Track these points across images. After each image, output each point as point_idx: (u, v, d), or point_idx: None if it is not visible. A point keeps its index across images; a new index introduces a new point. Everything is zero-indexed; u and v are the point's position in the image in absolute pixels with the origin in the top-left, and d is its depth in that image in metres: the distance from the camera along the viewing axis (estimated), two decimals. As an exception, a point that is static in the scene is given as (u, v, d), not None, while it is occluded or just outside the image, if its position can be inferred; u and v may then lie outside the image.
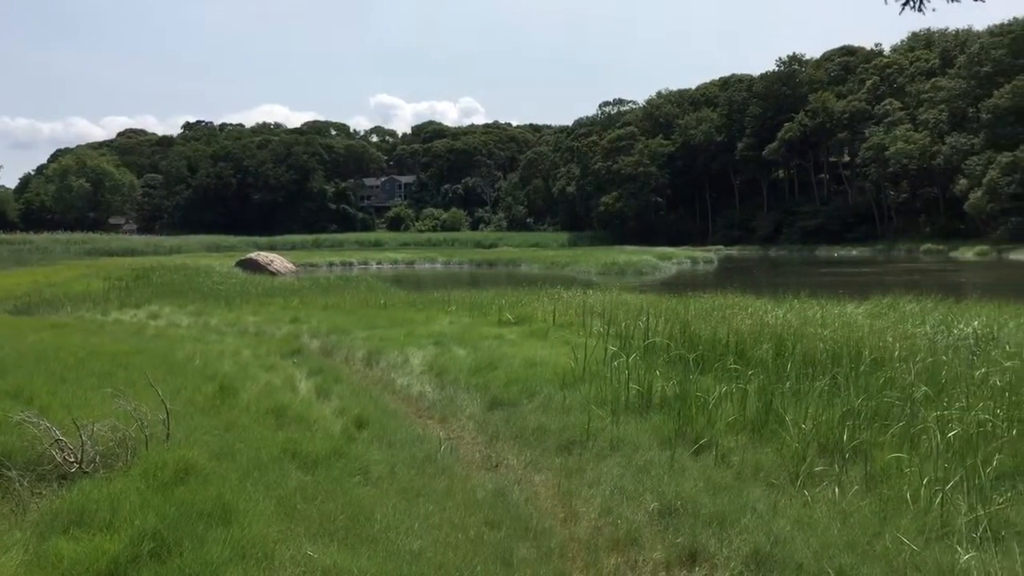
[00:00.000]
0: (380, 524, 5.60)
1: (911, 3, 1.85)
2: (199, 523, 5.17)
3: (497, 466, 7.63)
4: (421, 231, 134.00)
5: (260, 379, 10.64)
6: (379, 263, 71.71)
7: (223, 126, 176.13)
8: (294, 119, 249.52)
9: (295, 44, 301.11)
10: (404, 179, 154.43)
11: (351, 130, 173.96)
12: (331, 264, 66.34)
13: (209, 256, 69.77)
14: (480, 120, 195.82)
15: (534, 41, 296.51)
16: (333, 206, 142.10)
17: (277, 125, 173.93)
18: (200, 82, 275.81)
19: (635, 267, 57.37)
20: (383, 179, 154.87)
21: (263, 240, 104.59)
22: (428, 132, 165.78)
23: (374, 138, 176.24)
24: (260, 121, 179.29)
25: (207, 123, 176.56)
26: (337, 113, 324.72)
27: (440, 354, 12.78)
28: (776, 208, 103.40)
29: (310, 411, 8.83)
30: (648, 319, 13.35)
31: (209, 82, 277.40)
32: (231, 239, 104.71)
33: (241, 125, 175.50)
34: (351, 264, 68.53)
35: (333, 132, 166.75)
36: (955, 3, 1.79)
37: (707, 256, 75.13)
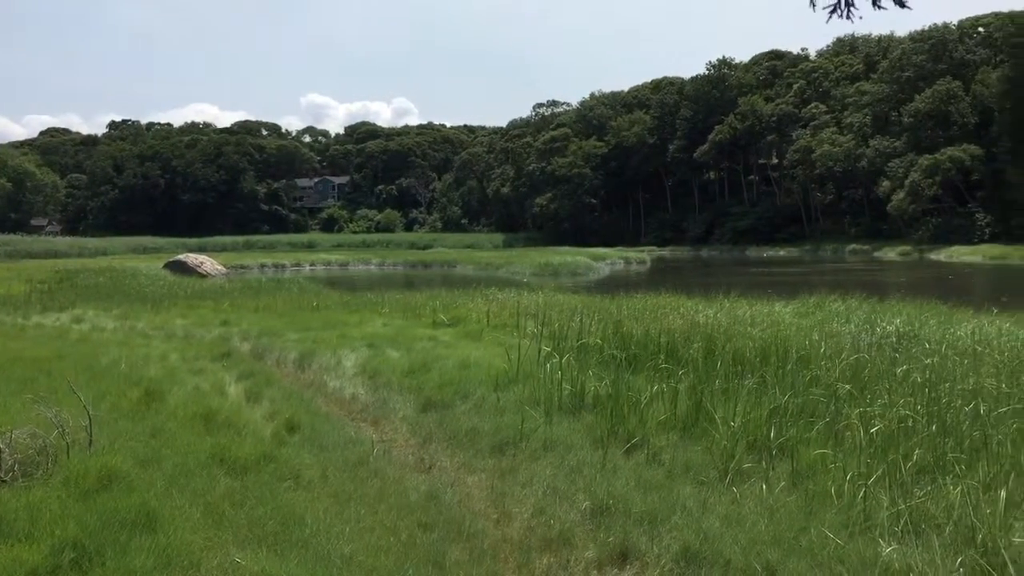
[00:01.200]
0: (311, 528, 5.53)
1: (838, 11, 1.90)
2: (122, 531, 5.05)
3: (430, 468, 7.60)
4: (355, 232, 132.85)
5: (188, 383, 10.45)
6: (312, 265, 70.86)
7: (150, 125, 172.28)
8: (224, 119, 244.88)
9: (225, 42, 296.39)
10: (337, 180, 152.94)
11: (283, 130, 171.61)
12: (263, 266, 65.35)
13: (136, 258, 68.18)
14: (414, 121, 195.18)
15: (467, 42, 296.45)
16: (265, 207, 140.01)
17: (207, 125, 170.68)
18: (126, 80, 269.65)
19: (569, 268, 57.67)
20: (316, 180, 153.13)
21: (193, 242, 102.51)
22: (362, 133, 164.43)
23: (306, 138, 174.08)
24: (189, 120, 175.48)
25: (133, 122, 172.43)
26: (268, 113, 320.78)
27: (373, 356, 12.69)
28: (707, 209, 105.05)
29: (240, 415, 8.69)
30: (582, 319, 13.44)
31: (135, 80, 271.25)
32: (159, 241, 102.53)
33: (169, 124, 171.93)
34: (284, 266, 67.57)
35: (264, 132, 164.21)
36: (880, 9, 1.84)
37: (640, 257, 75.95)
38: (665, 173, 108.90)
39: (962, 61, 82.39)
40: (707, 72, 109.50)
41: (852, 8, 2.01)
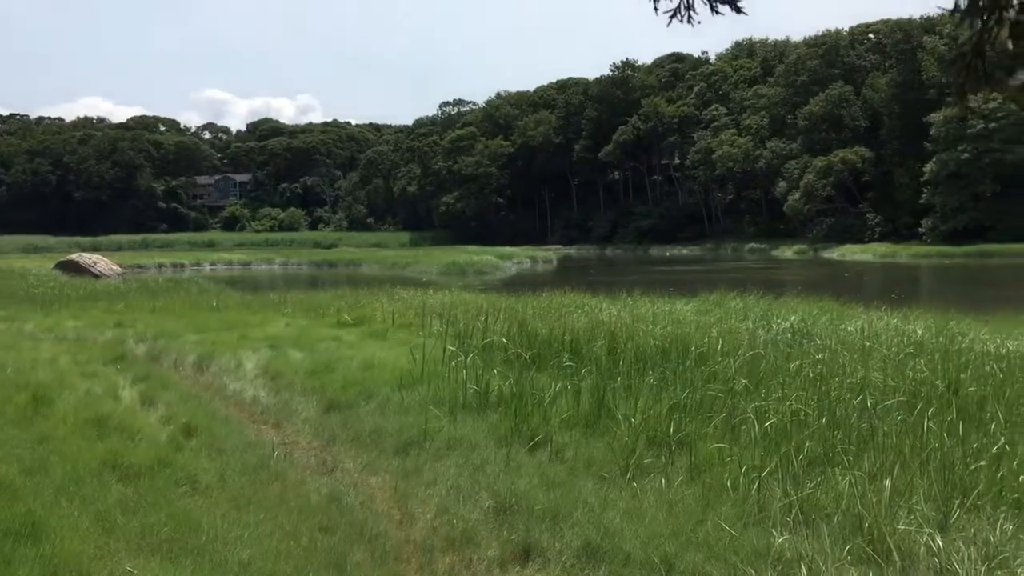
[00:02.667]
0: (207, 535, 5.39)
1: (679, 15, 1.95)
2: (6, 542, 4.85)
3: (333, 470, 7.51)
4: (258, 231, 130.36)
5: (79, 388, 10.06)
6: (213, 264, 69.26)
7: (40, 120, 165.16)
8: (119, 114, 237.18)
9: (117, 33, 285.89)
10: (239, 177, 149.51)
11: (182, 126, 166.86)
12: (161, 266, 63.55)
13: (26, 258, 65.45)
14: (318, 118, 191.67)
15: (372, 39, 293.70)
16: (163, 205, 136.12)
17: (100, 120, 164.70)
18: (12, 73, 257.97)
19: (476, 267, 57.78)
20: (217, 177, 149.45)
21: (86, 241, 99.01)
22: (264, 129, 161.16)
23: (206, 135, 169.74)
24: (81, 115, 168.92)
25: (21, 116, 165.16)
26: (165, 108, 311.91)
27: (275, 357, 12.46)
28: (612, 209, 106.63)
29: (134, 420, 8.42)
30: (487, 318, 13.45)
31: (23, 73, 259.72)
32: (50, 240, 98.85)
33: (60, 119, 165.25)
34: (183, 265, 65.85)
35: (162, 128, 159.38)
36: (718, 15, 1.90)
37: (546, 256, 76.61)
38: (571, 172, 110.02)
39: (853, 66, 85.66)
40: (611, 73, 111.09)
41: (692, 12, 2.07)
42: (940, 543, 5.03)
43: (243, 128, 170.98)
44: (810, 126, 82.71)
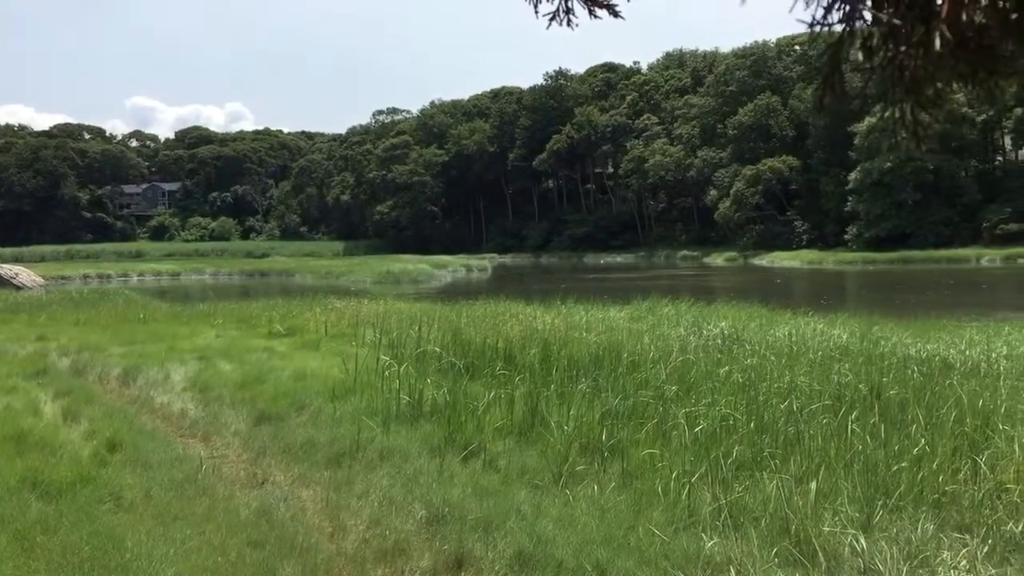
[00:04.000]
0: (131, 552, 5.26)
1: (558, 18, 1.97)
2: (-83, 567, 4.66)
3: (263, 483, 7.38)
4: (188, 241, 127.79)
5: (-2, 403, 9.74)
6: (141, 275, 67.78)
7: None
8: (41, 121, 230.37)
9: (40, 40, 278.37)
10: (168, 186, 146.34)
11: (107, 134, 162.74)
12: (86, 277, 61.96)
13: (-58, 269, 63.14)
14: (249, 126, 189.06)
15: (303, 46, 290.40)
16: (88, 215, 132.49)
17: (22, 127, 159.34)
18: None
19: (411, 276, 57.55)
20: (144, 186, 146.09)
21: (7, 252, 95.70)
22: (193, 137, 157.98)
23: (133, 143, 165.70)
24: (2, 123, 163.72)
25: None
26: (90, 115, 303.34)
27: (204, 369, 12.24)
28: (547, 217, 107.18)
29: (56, 435, 8.18)
30: (421, 327, 13.41)
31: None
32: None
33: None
34: (109, 276, 64.32)
35: (87, 135, 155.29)
36: (596, 19, 1.94)
37: (482, 264, 76.70)
38: (505, 181, 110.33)
39: (780, 77, 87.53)
40: (545, 83, 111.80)
41: (571, 16, 2.11)
42: (864, 543, 5.15)
43: (171, 136, 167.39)
44: (739, 135, 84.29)
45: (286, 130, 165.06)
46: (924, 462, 6.30)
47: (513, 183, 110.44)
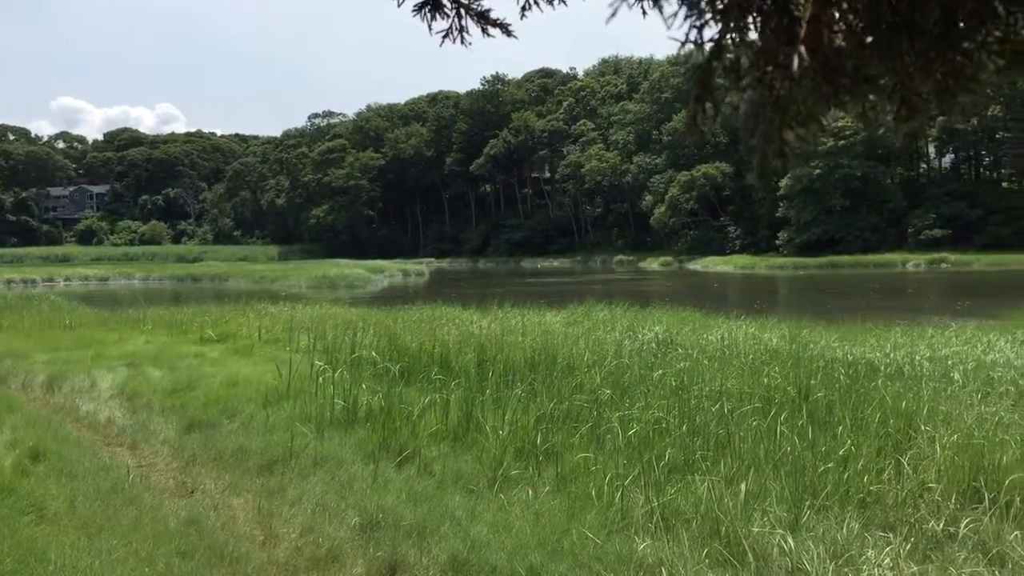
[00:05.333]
0: (55, 564, 5.12)
1: (451, 35, 1.99)
2: None
3: (193, 492, 7.25)
4: (117, 245, 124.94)
5: (-86, 413, 9.40)
6: (68, 280, 66.01)
7: None
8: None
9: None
10: (96, 189, 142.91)
11: (32, 135, 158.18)
12: (10, 282, 60.03)
13: None
14: (181, 128, 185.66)
15: (236, 47, 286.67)
16: (12, 218, 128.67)
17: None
18: None
19: (347, 280, 57.08)
20: (72, 189, 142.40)
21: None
22: (123, 139, 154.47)
23: (60, 144, 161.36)
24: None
25: None
26: (14, 116, 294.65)
27: (133, 376, 11.97)
28: (484, 221, 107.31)
29: (-25, 446, 7.92)
30: (356, 332, 13.30)
31: None
32: None
33: None
34: (34, 281, 62.45)
35: (11, 136, 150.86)
36: (489, 37, 1.97)
37: (419, 269, 76.37)
38: (443, 185, 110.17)
39: (715, 84, 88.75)
40: (482, 87, 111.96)
41: (465, 33, 2.13)
42: (791, 543, 5.25)
43: (100, 137, 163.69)
44: (674, 142, 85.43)
45: (219, 132, 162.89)
46: (850, 462, 6.45)
47: (450, 187, 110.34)
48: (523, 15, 2.18)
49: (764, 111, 1.33)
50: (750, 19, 1.33)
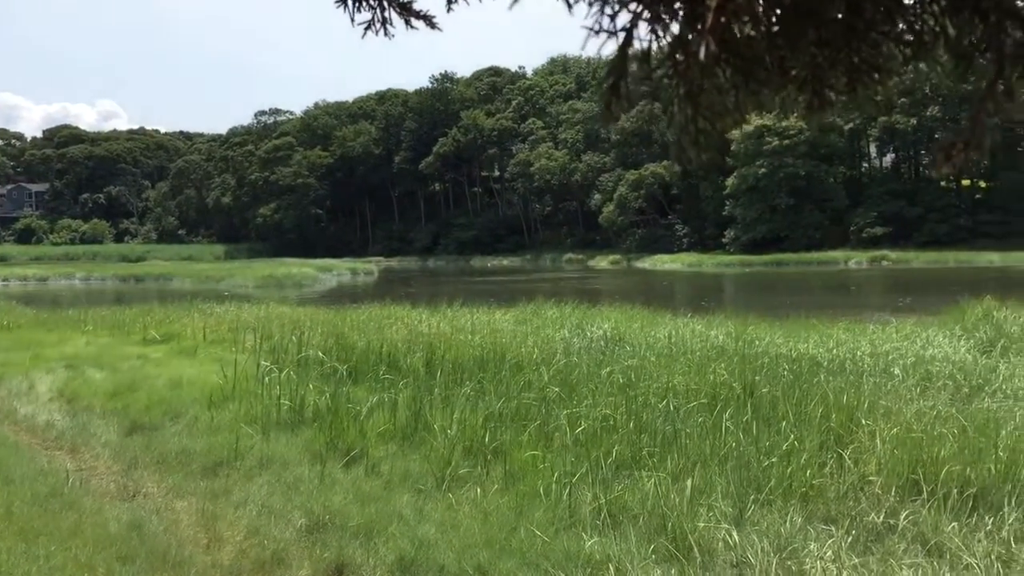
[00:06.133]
0: (-10, 573, 4.99)
1: (373, 27, 1.98)
2: None
3: (134, 495, 7.12)
4: (57, 244, 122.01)
5: None
6: (5, 280, 64.38)
7: None
8: None
9: None
10: (35, 187, 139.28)
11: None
12: (-55, 282, 58.48)
13: None
14: (123, 125, 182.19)
15: (180, 43, 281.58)
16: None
17: None
18: None
19: (294, 280, 56.55)
20: (9, 187, 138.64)
21: None
22: (63, 136, 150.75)
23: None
24: None
25: None
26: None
27: (73, 378, 11.73)
28: (433, 220, 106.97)
29: (-94, 451, 7.69)
30: (303, 332, 13.18)
31: None
32: None
33: None
34: (-30, 281, 60.88)
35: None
36: (413, 29, 1.96)
37: (368, 268, 75.90)
38: (391, 184, 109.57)
39: (661, 84, 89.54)
40: (431, 85, 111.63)
41: (389, 25, 2.12)
42: (736, 537, 5.32)
43: (39, 135, 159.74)
44: (622, 141, 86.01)
45: (163, 130, 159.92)
46: (793, 457, 6.55)
47: (399, 186, 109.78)
48: (449, 8, 2.17)
49: (677, 101, 1.34)
50: (660, 8, 1.34)
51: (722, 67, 1.33)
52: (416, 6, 2.25)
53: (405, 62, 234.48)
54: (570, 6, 1.38)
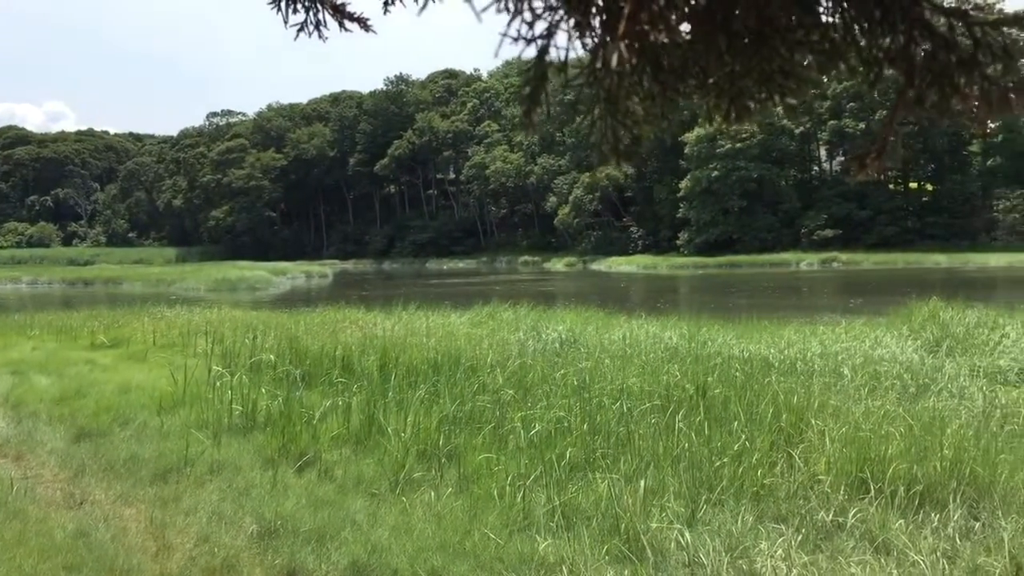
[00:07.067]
0: (-71, 585, 4.86)
1: (306, 29, 1.98)
2: None
3: (81, 503, 6.97)
4: (2, 247, 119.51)
5: None
6: (-51, 284, 62.88)
7: None
8: None
9: None
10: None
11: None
12: None
13: None
14: (71, 126, 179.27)
15: (129, 44, 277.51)
16: None
17: None
18: None
19: (248, 283, 55.91)
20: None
21: None
22: (8, 137, 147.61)
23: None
24: None
25: None
26: None
27: (18, 384, 11.46)
28: (389, 222, 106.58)
29: None
30: (256, 336, 13.04)
31: None
32: None
33: None
34: (-88, 286, 59.34)
35: None
36: (346, 32, 1.96)
37: (322, 271, 75.33)
38: (347, 186, 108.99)
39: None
40: (385, 88, 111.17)
41: (323, 27, 2.12)
42: (689, 537, 5.36)
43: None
44: (577, 143, 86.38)
45: (112, 131, 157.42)
46: (744, 457, 6.62)
47: (355, 188, 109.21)
48: (386, 11, 2.16)
49: (596, 108, 1.35)
50: (578, 15, 1.35)
51: (639, 75, 1.34)
52: (352, 8, 2.24)
53: (361, 65, 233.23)
54: (479, 15, 1.38)
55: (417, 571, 5.12)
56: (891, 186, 77.42)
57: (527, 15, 1.30)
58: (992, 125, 71.05)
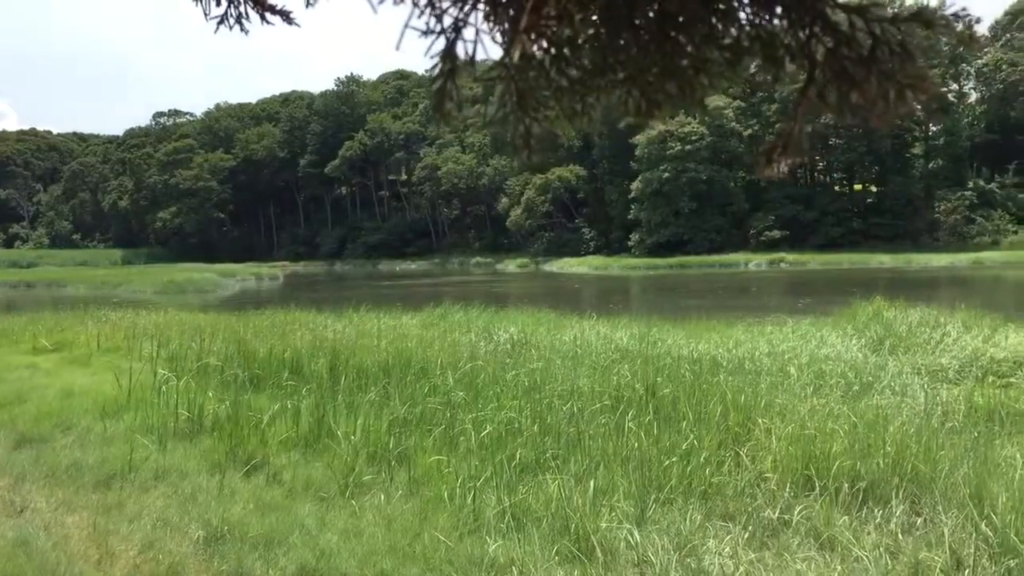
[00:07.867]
0: None
1: (227, 22, 1.96)
2: None
3: (22, 511, 6.81)
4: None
5: None
6: None
7: None
8: None
9: None
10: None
11: None
12: None
13: None
14: (12, 125, 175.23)
15: (72, 42, 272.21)
16: None
17: None
18: None
19: (196, 285, 55.13)
20: None
21: None
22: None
23: None
24: None
25: None
26: None
27: (-44, 390, 11.17)
28: (340, 224, 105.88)
29: None
30: (203, 339, 12.86)
31: None
32: None
33: None
34: None
35: None
36: (268, 24, 1.96)
37: (273, 272, 74.57)
38: (297, 188, 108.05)
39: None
40: (336, 88, 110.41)
41: (244, 20, 2.10)
42: (638, 536, 5.39)
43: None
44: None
45: (55, 131, 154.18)
46: (693, 456, 6.68)
47: (305, 190, 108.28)
48: (308, 4, 2.14)
49: (509, 103, 1.35)
50: (482, 8, 1.34)
51: (547, 69, 1.35)
52: (274, 1, 2.21)
53: (310, 64, 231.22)
54: (375, 7, 1.38)
55: (366, 575, 5.09)
56: (836, 188, 78.83)
57: (436, 7, 1.29)
58: (933, 128, 72.70)
